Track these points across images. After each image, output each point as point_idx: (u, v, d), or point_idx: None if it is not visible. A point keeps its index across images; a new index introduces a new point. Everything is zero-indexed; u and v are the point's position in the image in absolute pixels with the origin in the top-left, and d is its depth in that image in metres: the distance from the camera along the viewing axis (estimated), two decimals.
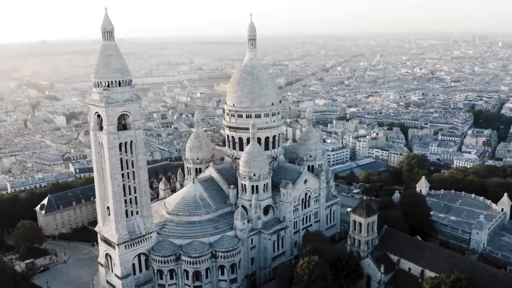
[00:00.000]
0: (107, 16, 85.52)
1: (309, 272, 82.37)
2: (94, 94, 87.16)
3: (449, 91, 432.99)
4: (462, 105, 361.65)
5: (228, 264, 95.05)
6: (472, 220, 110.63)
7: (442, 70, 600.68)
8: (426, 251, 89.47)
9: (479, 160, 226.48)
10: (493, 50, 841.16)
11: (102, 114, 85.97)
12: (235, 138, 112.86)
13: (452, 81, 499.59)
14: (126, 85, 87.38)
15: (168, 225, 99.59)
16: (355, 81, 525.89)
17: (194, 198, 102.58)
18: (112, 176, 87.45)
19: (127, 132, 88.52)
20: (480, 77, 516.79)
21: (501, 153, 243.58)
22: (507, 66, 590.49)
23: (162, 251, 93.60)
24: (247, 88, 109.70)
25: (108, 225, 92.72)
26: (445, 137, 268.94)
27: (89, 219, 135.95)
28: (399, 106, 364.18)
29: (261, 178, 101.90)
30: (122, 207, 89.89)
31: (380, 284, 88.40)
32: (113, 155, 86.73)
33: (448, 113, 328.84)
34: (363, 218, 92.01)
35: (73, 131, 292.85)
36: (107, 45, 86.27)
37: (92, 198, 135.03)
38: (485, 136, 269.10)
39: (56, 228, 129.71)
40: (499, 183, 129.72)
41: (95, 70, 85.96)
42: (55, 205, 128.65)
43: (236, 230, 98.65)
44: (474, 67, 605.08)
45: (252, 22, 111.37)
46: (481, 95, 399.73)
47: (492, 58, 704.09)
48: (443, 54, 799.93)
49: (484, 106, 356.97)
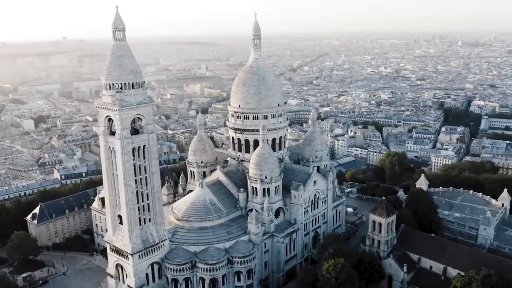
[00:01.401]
0: (118, 15, 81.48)
1: (336, 275, 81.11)
2: (105, 97, 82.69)
3: (416, 89, 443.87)
4: (431, 103, 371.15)
5: (244, 269, 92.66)
6: (476, 216, 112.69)
7: (407, 69, 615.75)
8: (447, 249, 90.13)
9: (456, 156, 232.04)
10: (454, 48, 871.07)
11: (115, 118, 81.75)
12: (241, 140, 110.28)
13: (417, 80, 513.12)
14: (139, 87, 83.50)
15: (179, 232, 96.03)
16: (323, 81, 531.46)
17: (204, 203, 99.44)
18: (126, 183, 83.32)
19: (140, 137, 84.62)
20: (444, 75, 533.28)
21: (476, 149, 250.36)
22: (469, 64, 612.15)
23: (177, 259, 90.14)
24: (253, 89, 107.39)
25: (120, 234, 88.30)
26: (419, 135, 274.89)
27: (82, 227, 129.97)
28: (370, 105, 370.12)
29: (272, 180, 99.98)
30: (135, 215, 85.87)
31: (403, 284, 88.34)
32: (126, 160, 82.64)
33: (419, 111, 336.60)
34: (383, 218, 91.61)
35: (43, 136, 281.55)
36: (118, 45, 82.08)
37: (86, 206, 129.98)
38: (459, 133, 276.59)
39: (49, 238, 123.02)
40: (495, 179, 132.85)
41: (106, 71, 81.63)
42: (47, 214, 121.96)
43: (250, 235, 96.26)
44: (437, 66, 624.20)
45: (256, 21, 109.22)
46: (449, 93, 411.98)
47: (453, 57, 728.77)
48: (406, 53, 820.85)
49: (453, 104, 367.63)
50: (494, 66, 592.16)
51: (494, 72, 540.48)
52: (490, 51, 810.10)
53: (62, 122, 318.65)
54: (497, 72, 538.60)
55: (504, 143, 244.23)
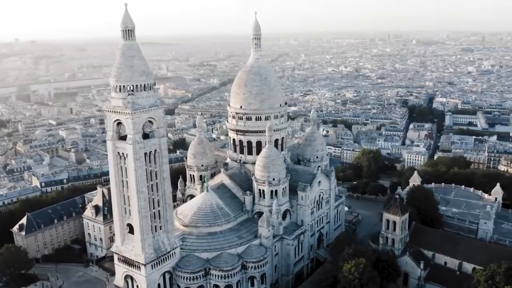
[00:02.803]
0: (127, 13, 77.21)
1: (359, 275, 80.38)
2: (115, 99, 78.36)
3: (378, 87, 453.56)
4: (394, 101, 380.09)
5: (258, 274, 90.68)
6: (473, 211, 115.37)
7: (366, 68, 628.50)
8: (461, 244, 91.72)
9: (428, 152, 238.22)
10: (409, 47, 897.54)
11: (127, 122, 77.55)
12: (243, 141, 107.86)
13: (378, 78, 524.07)
14: (150, 89, 79.64)
15: (188, 239, 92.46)
16: (287, 80, 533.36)
17: (212, 208, 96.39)
18: (138, 189, 79.37)
19: (151, 141, 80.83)
20: (403, 74, 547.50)
21: (445, 145, 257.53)
22: (426, 63, 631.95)
23: (190, 267, 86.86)
24: (256, 89, 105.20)
25: (129, 244, 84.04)
26: (388, 132, 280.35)
27: (72, 237, 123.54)
28: (336, 104, 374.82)
29: (280, 182, 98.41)
30: (148, 223, 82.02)
31: (420, 281, 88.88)
32: (139, 166, 78.72)
33: (385, 109, 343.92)
34: (398, 217, 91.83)
35: (6, 141, 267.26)
36: (128, 45, 77.77)
37: (74, 214, 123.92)
38: (426, 130, 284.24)
39: (38, 250, 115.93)
40: (483, 174, 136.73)
41: (116, 72, 77.27)
42: (35, 225, 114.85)
43: (261, 238, 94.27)
44: (395, 64, 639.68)
45: (257, 21, 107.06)
46: (410, 90, 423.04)
47: (409, 55, 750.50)
48: (363, 53, 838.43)
49: (416, 101, 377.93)
50: (449, 64, 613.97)
51: (450, 69, 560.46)
52: (444, 49, 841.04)
53: (24, 126, 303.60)
54: (453, 69, 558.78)
55: (471, 139, 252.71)
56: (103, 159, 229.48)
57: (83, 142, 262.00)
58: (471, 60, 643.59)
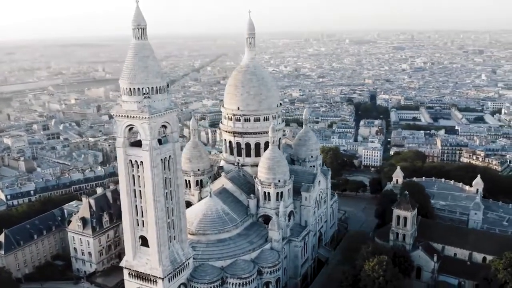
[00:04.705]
0: (139, 10, 71.82)
1: (383, 272, 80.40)
2: (128, 103, 72.65)
3: (321, 86, 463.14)
4: (339, 99, 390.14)
5: (274, 279, 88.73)
6: (459, 203, 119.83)
7: (305, 67, 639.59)
8: (469, 235, 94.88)
9: (382, 148, 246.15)
10: (343, 46, 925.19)
11: (142, 127, 72.28)
12: (241, 144, 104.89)
13: (319, 77, 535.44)
14: (164, 91, 74.87)
15: (198, 247, 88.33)
16: None
17: (218, 213, 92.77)
18: (155, 198, 74.35)
19: (166, 146, 76.01)
20: (341, 72, 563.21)
21: (397, 140, 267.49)
22: (361, 61, 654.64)
23: (206, 277, 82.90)
24: (253, 90, 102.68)
25: (143, 258, 78.61)
26: (341, 130, 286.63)
27: (52, 252, 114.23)
28: (285, 103, 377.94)
29: (286, 183, 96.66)
30: (165, 234, 77.22)
31: (434, 273, 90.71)
32: (156, 174, 73.74)
33: (333, 107, 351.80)
34: (409, 212, 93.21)
35: None
36: (141, 44, 72.33)
37: (54, 228, 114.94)
38: (377, 126, 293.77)
39: (19, 269, 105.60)
40: (459, 167, 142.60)
41: (129, 74, 71.58)
42: (14, 242, 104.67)
43: (272, 242, 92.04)
44: (332, 63, 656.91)
45: (251, 19, 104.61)
46: (353, 88, 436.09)
47: (344, 54, 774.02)
48: (300, 52, 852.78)
49: (360, 99, 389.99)
50: (384, 62, 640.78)
51: (385, 67, 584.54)
52: (377, 48, 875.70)
53: None
54: (388, 67, 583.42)
55: (421, 133, 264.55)
56: (54, 167, 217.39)
57: (29, 150, 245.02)
58: (403, 58, 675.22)
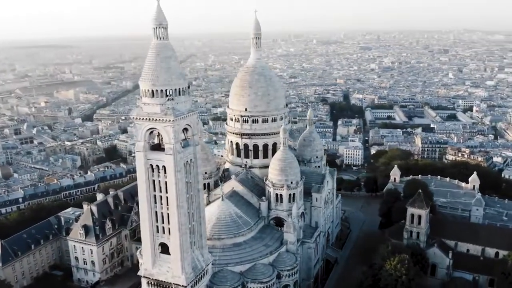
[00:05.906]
0: (160, 9, 69.14)
1: (405, 271, 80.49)
2: (149, 105, 69.69)
3: (293, 86, 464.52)
4: (314, 99, 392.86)
5: (292, 282, 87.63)
6: (459, 199, 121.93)
7: (276, 67, 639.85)
8: (481, 231, 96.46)
9: (363, 146, 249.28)
10: (311, 47, 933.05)
11: (166, 130, 69.51)
12: (248, 145, 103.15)
13: (290, 77, 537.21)
14: (187, 93, 72.49)
15: (214, 252, 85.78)
16: (203, 82, 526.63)
17: (231, 217, 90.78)
18: (179, 204, 71.77)
19: (188, 150, 73.40)
20: (312, 72, 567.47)
21: (376, 139, 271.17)
22: (330, 61, 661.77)
23: (227, 282, 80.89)
24: (261, 91, 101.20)
25: (163, 266, 75.80)
26: (319, 129, 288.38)
27: (49, 262, 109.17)
28: None
29: (298, 185, 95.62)
30: (188, 241, 74.69)
31: (449, 270, 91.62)
32: (179, 178, 71.12)
33: (309, 107, 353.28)
34: (423, 210, 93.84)
35: None
36: (163, 44, 69.57)
37: (52, 237, 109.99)
38: (355, 125, 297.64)
39: (17, 281, 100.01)
40: (452, 164, 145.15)
41: (152, 75, 68.64)
42: (11, 253, 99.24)
43: (288, 244, 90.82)
44: (302, 64, 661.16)
45: (257, 19, 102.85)
46: (327, 88, 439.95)
47: (313, 55, 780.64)
48: (269, 53, 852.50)
49: (334, 98, 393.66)
50: (352, 62, 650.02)
51: (354, 67, 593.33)
52: (344, 48, 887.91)
53: None
54: (357, 67, 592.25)
55: (398, 131, 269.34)
56: (32, 172, 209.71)
57: (3, 155, 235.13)
58: (371, 58, 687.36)
